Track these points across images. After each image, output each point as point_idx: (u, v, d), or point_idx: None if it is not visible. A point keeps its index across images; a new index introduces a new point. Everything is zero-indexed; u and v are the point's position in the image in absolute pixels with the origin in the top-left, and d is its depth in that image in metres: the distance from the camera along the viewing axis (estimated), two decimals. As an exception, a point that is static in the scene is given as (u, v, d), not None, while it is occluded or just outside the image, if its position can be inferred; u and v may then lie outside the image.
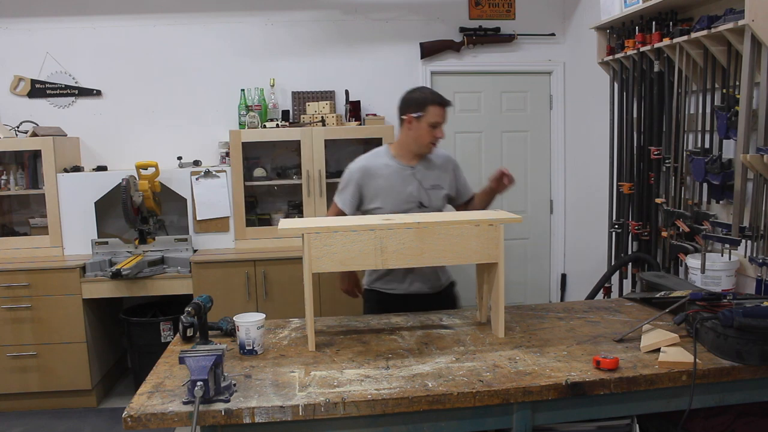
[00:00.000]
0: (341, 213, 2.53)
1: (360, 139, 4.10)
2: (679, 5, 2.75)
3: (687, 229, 2.73)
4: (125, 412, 1.54)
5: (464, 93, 4.43)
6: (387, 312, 2.45)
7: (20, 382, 3.55)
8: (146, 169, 3.66)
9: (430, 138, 2.45)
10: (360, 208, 2.53)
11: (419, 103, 2.44)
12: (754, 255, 2.37)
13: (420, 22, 4.27)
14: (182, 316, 1.97)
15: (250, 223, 3.97)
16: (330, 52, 4.22)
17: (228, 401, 1.58)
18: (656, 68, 2.90)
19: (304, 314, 2.00)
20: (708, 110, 2.62)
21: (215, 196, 3.88)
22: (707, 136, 2.62)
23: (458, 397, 1.62)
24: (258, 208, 4.18)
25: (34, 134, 3.78)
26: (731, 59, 2.44)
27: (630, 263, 3.20)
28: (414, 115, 2.44)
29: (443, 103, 2.45)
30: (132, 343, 3.76)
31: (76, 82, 4.08)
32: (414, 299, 2.55)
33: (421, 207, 2.49)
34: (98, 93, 4.10)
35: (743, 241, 2.42)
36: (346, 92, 4.11)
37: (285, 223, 2.08)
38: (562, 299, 4.55)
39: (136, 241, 3.77)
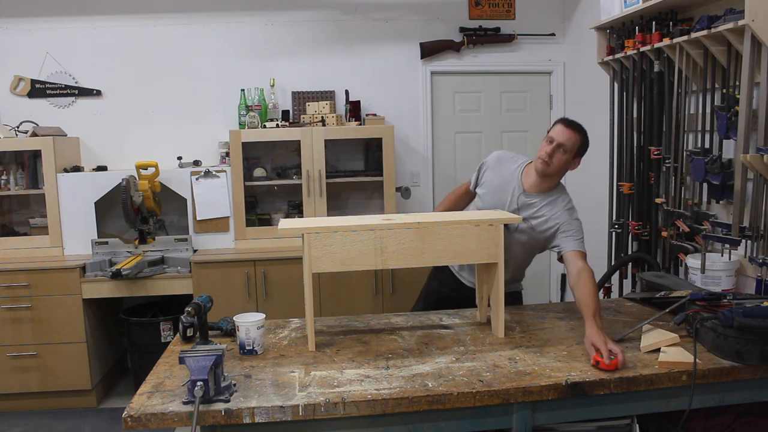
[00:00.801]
0: (467, 190, 2.58)
1: (360, 139, 4.11)
2: (679, 5, 2.75)
3: (687, 229, 2.73)
4: (125, 412, 1.54)
5: (464, 93, 4.43)
6: (442, 292, 2.58)
7: (20, 382, 3.55)
8: (146, 169, 3.66)
9: (541, 152, 2.29)
10: (475, 190, 2.51)
11: (562, 120, 2.35)
12: (754, 255, 2.37)
13: (420, 22, 4.27)
14: (182, 316, 1.97)
15: (250, 223, 3.97)
16: (330, 52, 4.22)
17: (228, 401, 1.59)
18: (656, 68, 2.90)
19: (304, 314, 2.01)
20: (708, 110, 2.62)
21: (215, 196, 3.88)
22: (707, 136, 2.62)
23: (458, 397, 1.62)
24: (258, 208, 4.18)
25: (34, 134, 3.78)
26: (731, 59, 2.44)
27: (630, 263, 3.20)
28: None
29: (564, 121, 2.31)
30: (132, 343, 3.76)
31: (76, 82, 4.08)
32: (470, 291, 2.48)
33: (506, 227, 2.24)
34: (98, 93, 4.10)
35: (743, 241, 2.42)
36: (346, 92, 4.11)
37: (285, 223, 2.08)
38: (562, 299, 4.55)
39: (136, 241, 3.77)
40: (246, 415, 1.56)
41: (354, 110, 4.07)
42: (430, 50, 4.26)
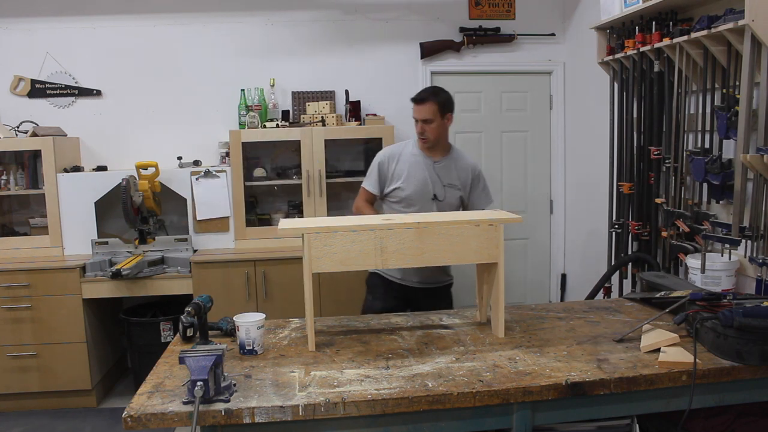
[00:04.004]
0: (370, 195, 2.73)
1: (360, 139, 4.11)
2: (679, 5, 2.75)
3: (687, 229, 2.73)
4: (125, 412, 1.54)
5: (464, 93, 4.42)
6: (385, 297, 2.63)
7: (20, 382, 3.55)
8: (146, 169, 3.66)
9: (417, 131, 2.66)
10: (384, 191, 2.71)
11: (412, 99, 2.68)
12: (754, 255, 2.37)
13: (420, 22, 4.27)
14: (182, 316, 1.97)
15: (250, 223, 3.97)
16: (330, 52, 4.22)
17: (228, 401, 1.59)
18: (656, 68, 2.90)
19: (304, 314, 2.01)
20: (708, 110, 2.62)
21: (215, 196, 3.88)
22: (707, 136, 2.62)
23: (458, 397, 1.62)
24: (258, 208, 4.17)
25: (34, 134, 3.78)
26: (731, 59, 2.44)
27: (630, 263, 3.20)
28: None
29: (414, 99, 2.62)
30: (132, 343, 3.76)
31: (76, 82, 4.08)
32: (412, 291, 2.66)
33: (435, 199, 2.63)
34: (98, 93, 4.10)
35: (743, 241, 2.42)
36: (346, 92, 4.11)
37: (285, 223, 2.08)
38: (562, 299, 4.55)
39: (136, 241, 3.77)
40: (246, 415, 1.56)
41: (354, 110, 4.07)
42: (430, 50, 4.26)
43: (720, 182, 2.48)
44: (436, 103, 2.61)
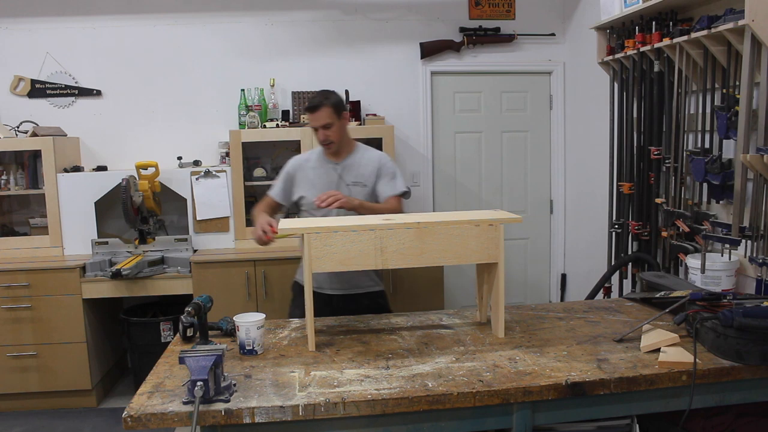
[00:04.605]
0: (272, 202, 2.76)
1: (360, 139, 4.09)
2: (679, 5, 2.75)
3: (687, 229, 2.73)
4: (125, 412, 1.54)
5: (464, 93, 4.43)
6: (303, 306, 2.55)
7: (20, 382, 3.55)
8: (146, 169, 3.66)
9: (319, 140, 2.63)
10: (291, 200, 2.73)
11: (305, 110, 2.69)
12: (754, 255, 2.38)
13: (420, 22, 4.27)
14: (182, 316, 1.97)
15: (250, 223, 3.96)
16: (330, 52, 4.22)
17: (228, 401, 1.58)
18: (656, 68, 2.90)
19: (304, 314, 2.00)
20: (708, 110, 2.62)
21: (215, 196, 3.88)
22: (707, 136, 2.62)
23: (458, 397, 1.62)
24: (258, 208, 4.17)
25: (34, 134, 3.78)
26: (731, 59, 2.44)
27: (630, 263, 3.20)
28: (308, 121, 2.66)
29: (307, 108, 2.60)
30: (132, 343, 3.76)
31: (76, 82, 4.08)
32: (332, 299, 2.63)
33: None
34: (98, 93, 4.10)
35: (743, 241, 2.42)
36: (346, 92, 4.11)
37: (285, 223, 2.08)
38: (562, 299, 4.55)
39: (136, 241, 3.77)
40: (246, 415, 1.56)
41: (354, 110, 4.07)
42: (430, 50, 4.26)
43: (720, 182, 2.48)
44: (330, 106, 2.57)
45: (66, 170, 3.83)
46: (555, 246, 4.60)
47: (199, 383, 1.51)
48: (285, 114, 4.04)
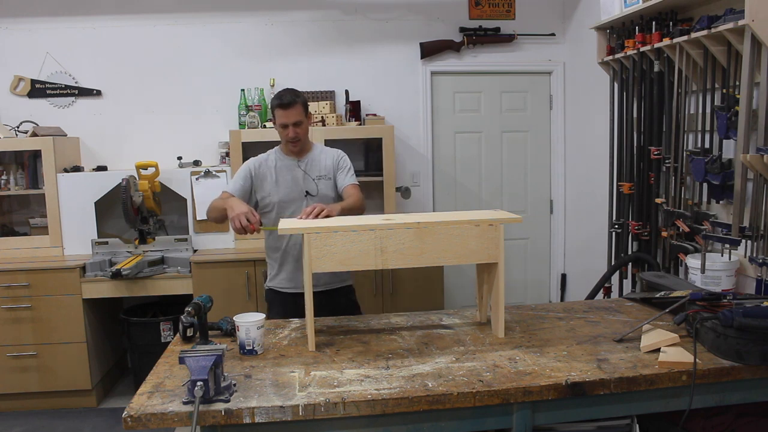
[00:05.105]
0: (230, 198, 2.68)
1: (360, 139, 4.10)
2: (679, 5, 2.75)
3: (687, 229, 2.73)
4: (125, 412, 1.54)
5: (464, 93, 4.43)
6: (286, 310, 2.59)
7: (20, 382, 3.55)
8: (146, 169, 3.66)
9: (284, 137, 2.63)
10: (249, 199, 2.70)
11: (270, 107, 2.71)
12: (754, 255, 2.37)
13: (420, 22, 4.27)
14: (182, 316, 1.97)
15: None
16: (330, 52, 4.22)
17: (228, 401, 1.58)
18: (656, 68, 2.90)
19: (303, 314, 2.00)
20: (708, 110, 2.62)
21: (215, 196, 3.86)
22: (707, 136, 2.62)
23: (458, 397, 1.62)
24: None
25: (34, 134, 3.78)
26: (731, 59, 2.44)
27: (630, 263, 3.20)
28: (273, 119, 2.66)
29: (281, 105, 2.58)
30: (132, 343, 3.76)
31: (76, 82, 4.08)
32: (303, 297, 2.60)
33: (308, 195, 2.65)
34: (98, 93, 4.10)
35: (743, 241, 2.42)
36: (346, 92, 4.11)
37: (285, 223, 2.08)
38: (562, 299, 4.55)
39: (136, 241, 3.77)
40: (246, 415, 1.56)
41: (354, 110, 4.07)
42: (430, 50, 4.26)
43: (720, 182, 2.48)
44: (301, 104, 2.59)
45: (66, 170, 3.83)
46: (555, 246, 4.60)
47: (199, 383, 1.51)
48: (285, 114, 4.04)
